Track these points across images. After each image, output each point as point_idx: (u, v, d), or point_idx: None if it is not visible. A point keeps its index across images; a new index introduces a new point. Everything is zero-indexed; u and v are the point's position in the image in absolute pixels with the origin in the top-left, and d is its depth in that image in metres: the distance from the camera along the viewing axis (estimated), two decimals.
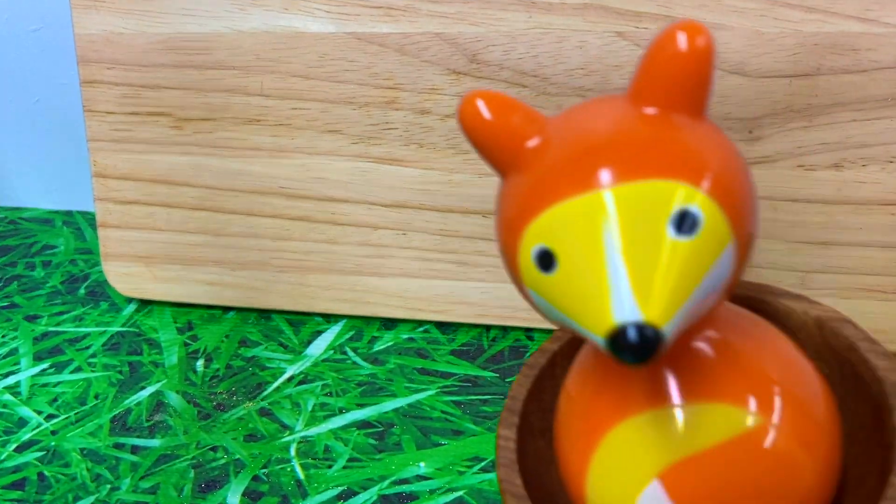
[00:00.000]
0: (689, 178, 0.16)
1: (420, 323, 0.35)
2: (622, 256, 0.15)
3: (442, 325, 0.35)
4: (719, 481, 0.18)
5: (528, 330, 0.34)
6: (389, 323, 0.36)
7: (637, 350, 0.15)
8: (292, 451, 0.30)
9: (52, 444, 0.31)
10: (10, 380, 0.34)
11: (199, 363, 0.34)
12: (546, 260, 0.16)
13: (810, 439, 0.19)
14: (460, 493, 0.28)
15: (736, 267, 0.17)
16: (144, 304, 0.38)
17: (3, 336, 0.37)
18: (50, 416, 0.32)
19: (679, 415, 0.18)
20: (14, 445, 0.31)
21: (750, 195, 0.17)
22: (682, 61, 0.17)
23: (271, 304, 0.36)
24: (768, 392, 0.19)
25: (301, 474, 0.29)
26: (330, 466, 0.29)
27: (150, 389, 0.33)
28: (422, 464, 0.29)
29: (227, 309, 0.37)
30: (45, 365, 0.35)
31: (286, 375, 0.33)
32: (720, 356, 0.19)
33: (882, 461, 0.19)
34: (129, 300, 0.38)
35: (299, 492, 0.28)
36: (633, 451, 0.19)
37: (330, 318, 0.36)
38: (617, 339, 0.15)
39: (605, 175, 0.16)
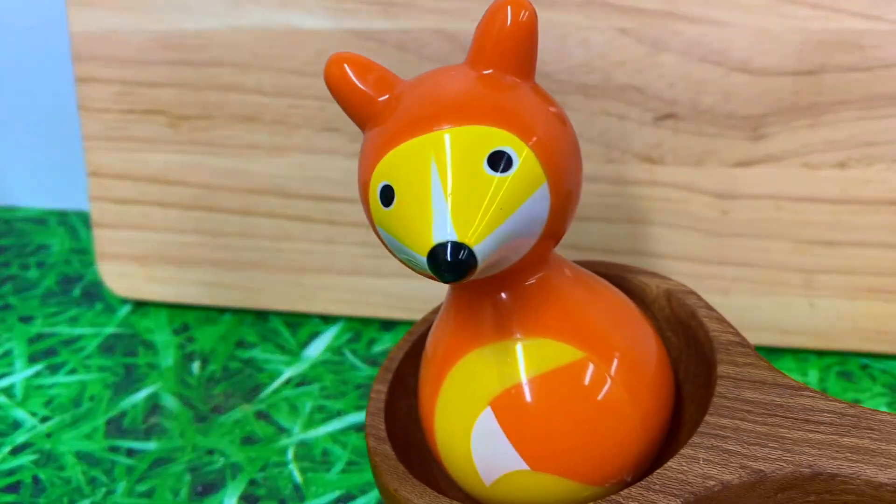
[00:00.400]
0: (507, 125, 0.19)
1: None
2: (444, 187, 0.18)
3: None
4: (542, 409, 0.20)
5: None
6: (388, 324, 0.35)
7: (452, 266, 0.17)
8: (290, 455, 0.29)
9: (47, 446, 0.30)
10: (5, 381, 0.34)
11: (195, 365, 0.34)
12: (387, 195, 0.19)
13: (636, 387, 0.21)
14: None
15: (554, 211, 0.19)
16: (139, 304, 0.38)
17: None
18: (45, 419, 0.32)
19: (511, 347, 0.21)
20: (9, 448, 0.30)
21: (565, 148, 0.20)
22: (508, 32, 0.19)
23: (268, 305, 0.36)
24: (595, 336, 0.21)
25: (299, 478, 0.28)
26: (328, 470, 0.29)
27: (145, 392, 0.33)
28: None
29: (223, 310, 0.37)
30: (39, 367, 0.34)
31: (283, 377, 0.33)
32: (554, 298, 0.21)
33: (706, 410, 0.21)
34: (124, 301, 0.38)
35: (297, 496, 0.27)
36: (470, 382, 0.21)
37: (328, 320, 0.36)
38: (436, 256, 0.17)
39: (437, 120, 0.19)
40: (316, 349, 0.34)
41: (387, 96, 0.20)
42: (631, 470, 0.21)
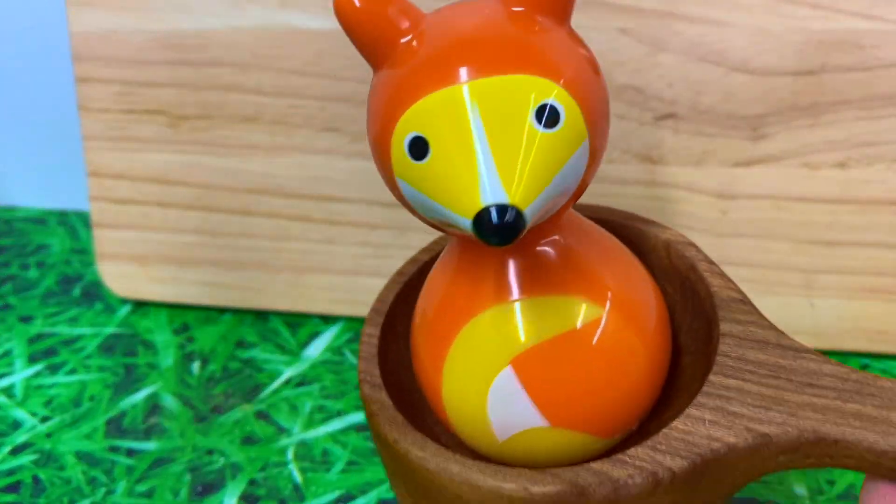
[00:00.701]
0: (552, 75, 0.17)
1: None
2: (489, 144, 0.17)
3: None
4: (563, 366, 0.20)
5: None
6: None
7: (501, 230, 0.16)
8: (290, 455, 0.29)
9: (47, 446, 0.30)
10: (5, 381, 0.34)
11: (195, 365, 0.34)
12: (419, 148, 0.17)
13: (648, 339, 0.21)
14: None
15: (588, 166, 0.18)
16: (139, 304, 0.38)
17: None
18: (45, 419, 0.32)
19: (530, 306, 0.20)
20: (9, 448, 0.30)
21: (602, 100, 0.19)
22: None
23: (268, 305, 0.36)
24: (613, 291, 0.21)
25: (299, 478, 0.28)
26: (328, 470, 0.29)
27: (145, 391, 0.33)
28: None
29: (223, 310, 0.37)
30: (39, 366, 0.34)
31: (283, 377, 0.33)
32: (573, 255, 0.20)
33: (706, 367, 0.21)
34: (124, 301, 0.38)
35: (297, 496, 0.27)
36: (488, 340, 0.20)
37: (328, 320, 0.36)
38: (483, 220, 0.16)
39: (475, 67, 0.17)
40: (316, 349, 0.34)
41: (410, 34, 0.18)
42: (638, 420, 0.22)
